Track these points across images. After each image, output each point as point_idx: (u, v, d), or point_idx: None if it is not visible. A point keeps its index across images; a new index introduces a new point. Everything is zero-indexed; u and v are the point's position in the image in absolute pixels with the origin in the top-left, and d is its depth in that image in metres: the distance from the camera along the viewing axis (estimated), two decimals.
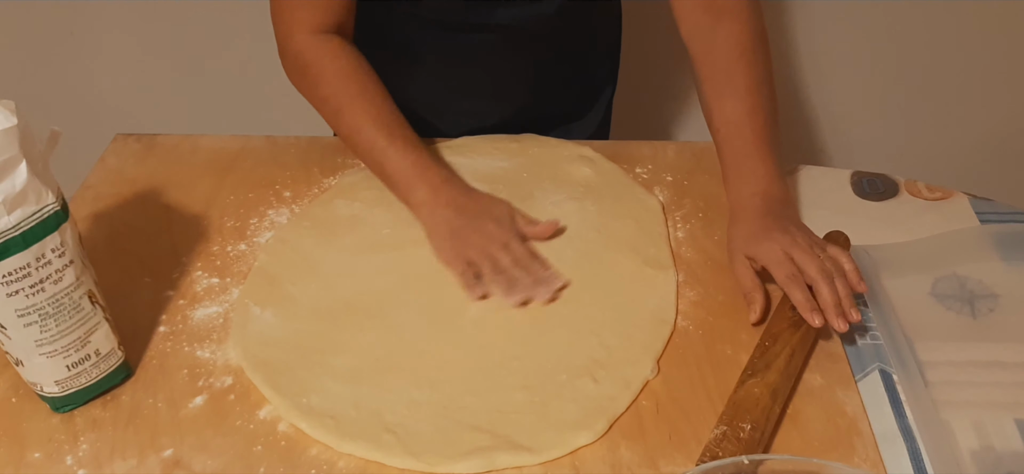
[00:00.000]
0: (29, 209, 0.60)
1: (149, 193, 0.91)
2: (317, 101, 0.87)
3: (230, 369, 0.71)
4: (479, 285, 0.75)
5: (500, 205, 0.82)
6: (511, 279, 0.76)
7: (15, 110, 0.59)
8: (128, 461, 0.63)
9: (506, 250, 0.78)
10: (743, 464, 0.54)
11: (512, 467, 0.63)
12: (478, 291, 0.75)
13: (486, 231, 0.79)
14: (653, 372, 0.70)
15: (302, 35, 0.86)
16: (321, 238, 0.84)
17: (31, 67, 1.49)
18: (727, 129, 0.83)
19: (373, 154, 0.84)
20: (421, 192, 0.81)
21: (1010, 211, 0.87)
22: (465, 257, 0.77)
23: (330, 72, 0.85)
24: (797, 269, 0.72)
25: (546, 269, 0.77)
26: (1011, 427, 0.65)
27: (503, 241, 0.78)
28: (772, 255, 0.73)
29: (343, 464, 0.63)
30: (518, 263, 0.77)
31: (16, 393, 0.69)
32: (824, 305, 0.69)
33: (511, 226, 0.80)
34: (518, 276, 0.76)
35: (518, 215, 0.82)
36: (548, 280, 0.76)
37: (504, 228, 0.79)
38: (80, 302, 0.64)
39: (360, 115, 0.84)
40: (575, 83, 1.06)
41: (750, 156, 0.81)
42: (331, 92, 0.85)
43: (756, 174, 0.80)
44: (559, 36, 0.99)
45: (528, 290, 0.75)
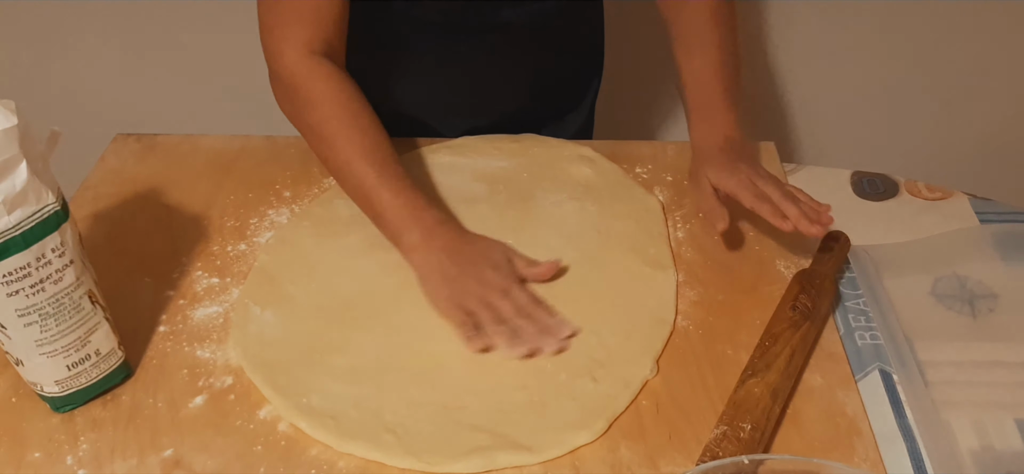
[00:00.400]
0: (29, 209, 0.60)
1: (149, 193, 0.91)
2: (305, 128, 0.82)
3: (230, 369, 0.71)
4: (479, 337, 0.70)
5: (497, 248, 0.77)
6: (514, 329, 0.71)
7: (15, 110, 0.59)
8: (128, 461, 0.63)
9: (506, 297, 0.72)
10: (743, 464, 0.54)
11: (512, 466, 0.63)
12: (478, 343, 0.70)
13: (483, 278, 0.73)
14: (652, 372, 0.70)
15: (292, 54, 0.81)
16: (321, 238, 0.84)
17: (31, 67, 1.49)
18: (695, 81, 0.88)
19: (362, 190, 0.78)
20: (413, 235, 0.76)
21: (1010, 211, 0.87)
22: (462, 306, 0.72)
23: (320, 97, 0.80)
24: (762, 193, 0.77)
25: (552, 316, 0.72)
26: (1011, 427, 0.65)
27: (503, 288, 0.73)
28: (738, 182, 0.78)
29: (343, 464, 0.63)
30: (520, 311, 0.71)
31: (16, 393, 0.69)
32: (793, 217, 0.74)
33: (510, 271, 0.75)
34: (521, 325, 0.71)
35: (516, 257, 0.77)
36: (554, 328, 0.71)
37: (503, 274, 0.74)
38: (80, 302, 0.64)
39: (350, 147, 0.79)
40: (565, 80, 1.07)
41: (717, 106, 0.86)
42: (320, 119, 0.80)
43: (722, 121, 0.85)
44: (555, 35, 1.00)
45: (533, 340, 0.70)
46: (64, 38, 1.46)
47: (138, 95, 1.53)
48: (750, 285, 0.78)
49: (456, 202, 0.88)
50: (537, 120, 1.02)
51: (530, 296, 0.73)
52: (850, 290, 0.78)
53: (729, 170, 0.80)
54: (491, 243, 0.77)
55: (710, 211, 0.79)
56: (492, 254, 0.76)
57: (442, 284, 0.73)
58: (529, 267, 0.76)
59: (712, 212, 0.79)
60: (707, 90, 0.87)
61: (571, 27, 1.01)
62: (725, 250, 0.83)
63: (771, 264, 0.81)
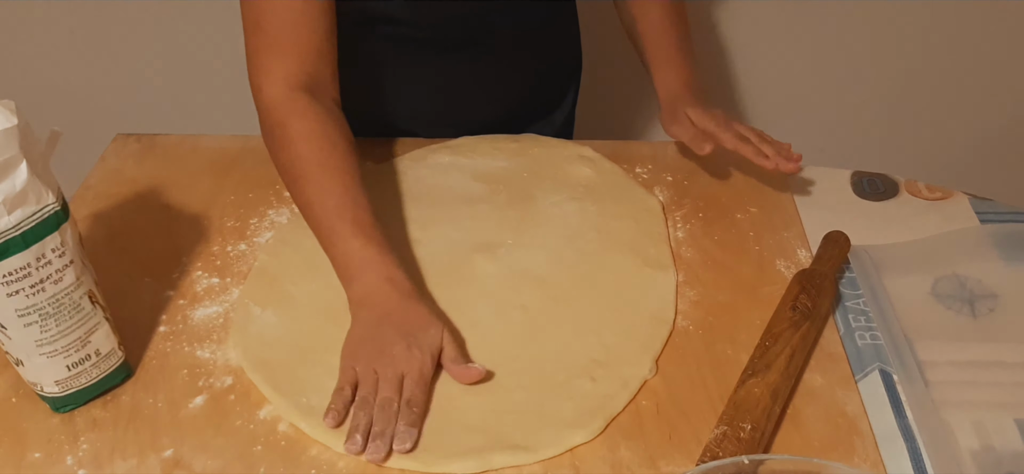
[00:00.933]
0: (29, 209, 0.60)
1: (149, 193, 0.91)
2: (279, 166, 0.80)
3: (230, 369, 0.71)
4: (334, 415, 0.65)
5: (432, 329, 0.69)
6: (368, 419, 0.65)
7: (15, 110, 0.59)
8: (128, 461, 0.63)
9: (393, 383, 0.66)
10: (743, 464, 0.54)
11: (509, 466, 0.63)
12: (331, 421, 0.64)
13: (391, 353, 0.67)
14: (652, 372, 0.70)
15: (271, 90, 0.79)
16: None
17: (31, 67, 1.49)
18: (653, 31, 0.95)
19: (321, 232, 0.75)
20: (358, 286, 0.72)
21: (1010, 211, 0.87)
22: (353, 372, 0.67)
23: (294, 136, 0.77)
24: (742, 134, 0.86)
25: (407, 424, 0.64)
26: (1011, 427, 0.65)
27: (400, 372, 0.67)
28: (717, 123, 0.86)
29: (343, 464, 0.63)
30: (386, 406, 0.65)
31: (16, 393, 0.69)
32: (772, 155, 0.84)
33: (423, 357, 0.67)
34: (374, 419, 0.64)
35: (450, 346, 0.69)
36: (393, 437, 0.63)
37: (413, 356, 0.67)
38: (80, 302, 0.64)
39: (315, 188, 0.76)
40: (547, 84, 1.08)
41: (677, 54, 0.94)
42: (291, 159, 0.77)
43: (685, 68, 0.93)
44: (537, 42, 1.01)
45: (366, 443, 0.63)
46: (64, 38, 1.46)
47: (138, 95, 1.53)
48: (750, 285, 0.78)
49: (456, 202, 0.88)
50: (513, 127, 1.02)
51: (415, 394, 0.66)
52: (850, 290, 0.78)
53: (707, 111, 0.88)
54: (430, 320, 0.70)
55: (694, 138, 0.87)
56: (419, 332, 0.69)
57: (354, 340, 0.70)
58: (453, 362, 0.69)
59: (696, 138, 0.86)
60: (666, 39, 0.94)
61: (551, 32, 1.03)
62: (725, 250, 0.83)
63: (771, 264, 0.81)
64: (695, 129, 0.87)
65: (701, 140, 0.86)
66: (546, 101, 1.09)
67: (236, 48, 1.48)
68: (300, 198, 0.77)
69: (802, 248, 0.82)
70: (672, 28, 0.95)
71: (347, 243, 0.73)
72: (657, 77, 0.94)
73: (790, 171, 0.83)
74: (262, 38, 0.80)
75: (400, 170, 0.93)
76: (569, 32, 1.07)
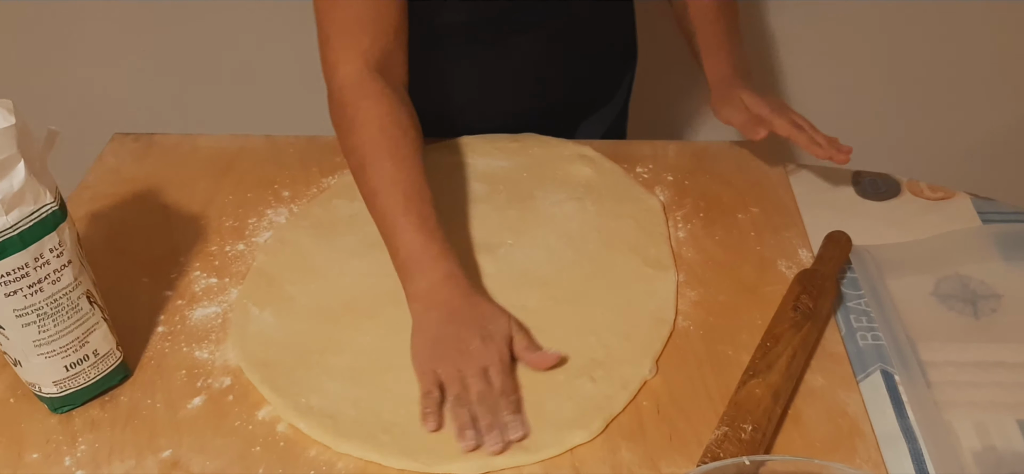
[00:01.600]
0: (27, 209, 0.59)
1: (147, 193, 0.91)
2: (346, 149, 0.79)
3: (229, 369, 0.71)
4: (434, 418, 0.65)
5: (500, 320, 0.70)
6: (473, 414, 0.65)
7: (13, 109, 0.59)
8: (126, 462, 0.63)
9: (481, 377, 0.67)
10: (744, 465, 0.54)
11: (510, 467, 0.63)
12: (431, 424, 0.65)
13: (468, 348, 0.68)
14: (651, 372, 0.69)
15: (346, 68, 0.79)
16: (320, 238, 0.84)
17: (30, 66, 1.49)
18: (704, 18, 0.94)
19: (385, 223, 0.75)
20: (419, 283, 0.72)
21: (1012, 211, 0.87)
22: (435, 374, 0.67)
23: (364, 119, 0.77)
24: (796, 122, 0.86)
25: (512, 412, 0.65)
26: (1013, 428, 0.65)
27: (482, 365, 0.67)
28: (771, 108, 0.86)
29: (342, 465, 0.63)
30: (485, 398, 0.65)
31: (14, 393, 0.69)
32: (824, 142, 0.84)
33: (500, 347, 0.68)
34: (479, 414, 0.65)
35: (518, 335, 0.70)
36: (507, 427, 0.64)
37: (490, 349, 0.68)
38: (78, 302, 0.64)
39: (383, 177, 0.75)
40: (598, 77, 1.08)
41: (727, 40, 0.93)
42: (360, 142, 0.77)
43: (735, 53, 0.93)
44: (587, 33, 1.01)
45: (479, 437, 0.64)
46: (63, 38, 1.46)
47: (137, 95, 1.52)
48: (751, 285, 0.78)
49: (456, 202, 0.88)
50: (570, 118, 1.05)
51: (505, 383, 0.67)
52: (852, 290, 0.78)
53: (762, 97, 0.87)
54: (496, 312, 0.71)
55: (746, 123, 0.86)
56: (490, 325, 0.70)
57: (427, 344, 0.69)
58: (527, 350, 0.69)
59: (749, 123, 0.85)
60: (716, 26, 0.93)
61: (602, 24, 1.03)
62: (726, 250, 0.82)
63: (772, 264, 0.80)
64: (748, 114, 0.86)
65: (754, 125, 0.85)
66: (597, 96, 1.09)
67: (236, 48, 1.48)
68: (366, 185, 0.77)
69: (803, 248, 0.82)
70: (722, 15, 0.94)
71: (410, 238, 0.73)
72: (707, 62, 0.94)
73: (841, 162, 0.83)
74: (340, 13, 0.80)
75: None
76: (618, 27, 1.07)
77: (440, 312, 0.70)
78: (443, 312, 0.70)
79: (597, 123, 1.09)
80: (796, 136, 0.84)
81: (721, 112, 0.89)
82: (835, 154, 0.83)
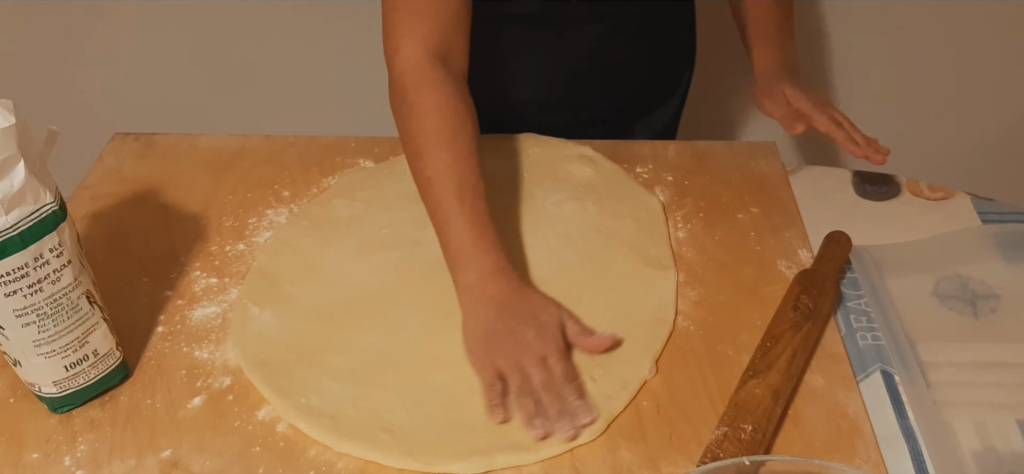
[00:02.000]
0: (27, 209, 0.59)
1: (147, 193, 0.91)
2: (404, 134, 0.80)
3: (229, 369, 0.71)
4: (501, 410, 0.66)
5: (551, 310, 0.72)
6: (537, 404, 0.66)
7: (13, 109, 0.59)
8: (126, 462, 0.63)
9: (541, 366, 0.68)
10: (744, 465, 0.54)
11: (511, 467, 0.63)
12: (499, 415, 0.65)
13: (524, 340, 0.69)
14: (651, 372, 0.69)
15: (407, 52, 0.79)
16: (320, 238, 0.84)
17: (30, 66, 1.48)
18: (758, 11, 0.95)
19: (438, 213, 0.76)
20: (470, 275, 0.73)
21: (1012, 211, 0.87)
22: (495, 367, 0.68)
23: (424, 107, 0.78)
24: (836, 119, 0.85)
25: (578, 397, 0.66)
26: (1013, 428, 0.65)
27: (541, 354, 0.68)
28: (813, 104, 0.85)
29: (342, 465, 0.63)
30: (549, 386, 0.67)
31: (14, 393, 0.69)
32: (862, 141, 0.83)
33: (555, 336, 0.70)
34: (546, 402, 0.66)
35: (570, 322, 0.71)
36: (576, 412, 0.65)
37: (546, 338, 0.69)
38: (78, 302, 0.64)
39: (439, 166, 0.76)
40: (658, 74, 1.09)
41: (778, 33, 0.94)
42: (418, 131, 0.78)
43: (784, 47, 0.94)
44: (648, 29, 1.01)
45: (549, 424, 0.65)
46: (63, 38, 1.46)
47: (137, 95, 1.52)
48: (751, 285, 0.78)
49: None
50: (627, 115, 1.06)
51: (566, 369, 0.68)
52: (852, 290, 0.78)
53: (804, 92, 0.87)
54: (546, 303, 0.72)
55: (786, 116, 0.85)
56: (542, 315, 0.71)
57: (482, 337, 0.70)
58: (581, 336, 0.71)
59: (788, 117, 0.85)
60: (768, 19, 0.95)
61: (663, 21, 1.03)
62: (726, 250, 0.82)
63: (772, 264, 0.80)
64: (789, 107, 0.86)
65: (793, 119, 0.85)
66: (656, 93, 1.10)
67: (236, 48, 1.48)
68: (421, 173, 0.77)
69: (803, 248, 0.82)
70: (776, 8, 0.95)
71: (462, 230, 0.74)
72: (756, 54, 0.94)
73: (878, 162, 0.82)
74: (402, 1, 0.80)
75: (400, 170, 0.93)
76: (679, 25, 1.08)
77: (491, 306, 0.71)
78: (494, 306, 0.71)
79: (656, 120, 1.10)
80: (835, 132, 0.84)
81: (763, 104, 0.89)
82: (872, 154, 0.82)
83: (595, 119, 1.03)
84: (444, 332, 0.73)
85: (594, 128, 1.03)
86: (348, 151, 0.97)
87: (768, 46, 0.94)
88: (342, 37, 1.43)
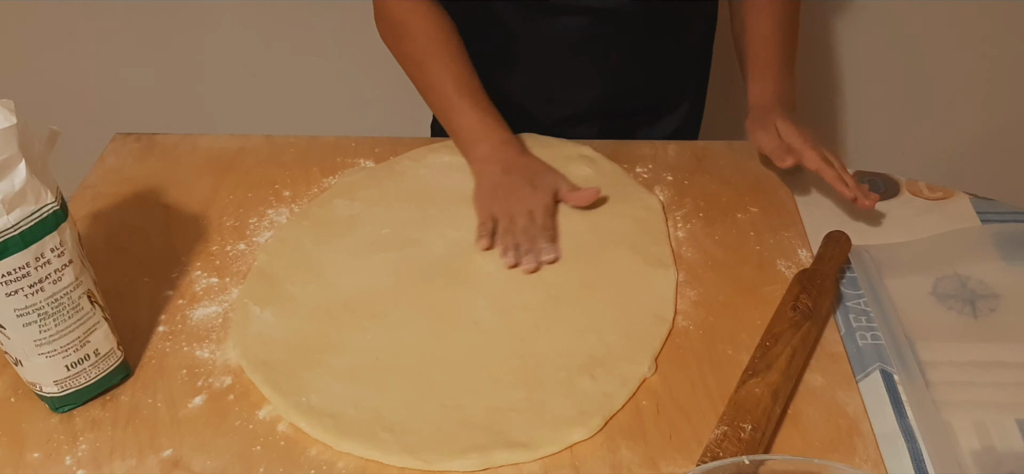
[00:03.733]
0: (28, 209, 0.59)
1: (148, 193, 0.91)
2: (402, 57, 0.94)
3: (229, 369, 0.71)
4: (486, 240, 0.81)
5: (548, 173, 0.87)
6: (515, 241, 0.80)
7: (14, 109, 0.59)
8: (127, 461, 0.63)
9: (526, 214, 0.82)
10: (744, 465, 0.54)
11: (509, 464, 0.63)
12: (484, 244, 0.81)
13: (519, 192, 0.84)
14: (651, 370, 0.70)
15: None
16: (321, 238, 0.84)
17: (31, 67, 1.49)
18: (759, 40, 0.96)
19: (444, 108, 0.91)
20: (482, 148, 0.88)
21: (1011, 211, 0.87)
22: (490, 210, 0.83)
23: (416, 30, 0.91)
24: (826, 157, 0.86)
25: (548, 241, 0.80)
26: (1012, 427, 0.65)
27: (529, 206, 0.82)
28: (803, 140, 0.86)
29: (343, 464, 0.63)
30: (528, 231, 0.81)
31: (15, 393, 0.69)
32: (852, 184, 0.84)
33: (546, 193, 0.84)
34: (520, 241, 0.80)
35: (563, 184, 0.86)
36: (541, 251, 0.80)
37: (538, 193, 0.84)
38: (79, 302, 0.64)
39: (438, 71, 0.90)
40: (670, 71, 1.08)
41: (778, 65, 0.95)
42: (415, 49, 0.92)
43: (781, 80, 0.94)
44: (659, 24, 1.00)
45: (519, 255, 0.79)
46: (64, 38, 1.46)
47: (138, 95, 1.52)
48: (751, 285, 0.78)
49: (456, 202, 0.88)
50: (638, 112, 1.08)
51: (547, 221, 0.82)
52: (851, 290, 0.78)
53: (797, 127, 0.88)
54: (545, 168, 0.88)
55: (776, 149, 0.87)
56: (540, 176, 0.86)
57: (488, 191, 0.85)
58: (570, 193, 0.85)
59: (778, 150, 0.87)
60: (768, 49, 0.95)
61: (676, 16, 1.02)
62: (725, 250, 0.82)
63: (772, 264, 0.81)
64: (779, 141, 0.87)
65: (783, 152, 0.86)
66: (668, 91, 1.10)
67: (236, 48, 1.48)
68: (423, 80, 0.92)
69: (803, 248, 0.82)
70: (778, 40, 0.95)
71: (468, 115, 0.90)
72: (752, 86, 0.95)
73: (865, 207, 0.84)
74: None
75: (400, 170, 0.93)
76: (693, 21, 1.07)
77: (498, 166, 0.87)
78: (501, 167, 0.87)
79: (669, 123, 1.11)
80: (825, 171, 0.84)
81: (754, 134, 0.90)
82: (862, 199, 0.83)
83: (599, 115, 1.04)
84: (444, 331, 0.73)
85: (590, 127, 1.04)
86: (349, 151, 0.97)
87: (766, 78, 0.94)
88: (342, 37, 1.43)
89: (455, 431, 0.65)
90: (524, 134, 0.98)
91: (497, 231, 0.82)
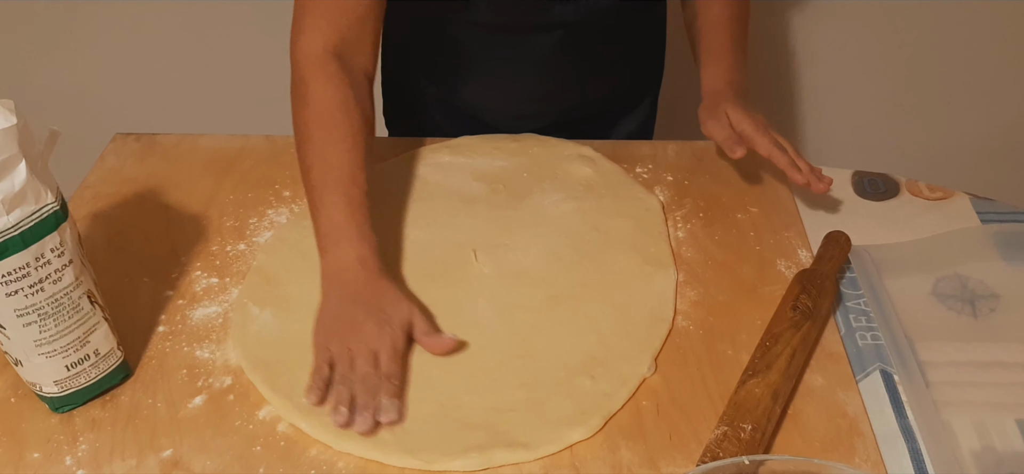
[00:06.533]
0: (28, 209, 0.59)
1: (148, 193, 0.91)
2: (295, 124, 0.82)
3: (229, 369, 0.71)
4: (316, 393, 0.66)
5: (400, 305, 0.71)
6: (351, 392, 0.66)
7: (14, 109, 0.59)
8: (127, 461, 0.63)
9: (369, 359, 0.68)
10: (744, 465, 0.54)
11: (509, 464, 0.63)
12: (313, 399, 0.66)
13: (363, 331, 0.69)
14: (650, 370, 0.70)
15: (304, 47, 0.81)
16: None
17: (31, 67, 1.49)
18: (711, 27, 0.94)
19: (312, 198, 0.77)
20: (330, 260, 0.74)
21: (1011, 211, 0.87)
22: (328, 351, 0.69)
23: (313, 97, 0.80)
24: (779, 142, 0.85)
25: (390, 396, 0.66)
26: (1012, 427, 0.65)
27: (373, 349, 0.68)
28: (755, 126, 0.85)
29: (342, 464, 0.63)
30: (366, 379, 0.67)
31: (15, 393, 0.69)
32: (805, 171, 0.83)
33: (395, 332, 0.70)
34: (357, 394, 0.66)
35: (420, 320, 0.71)
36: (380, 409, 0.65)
37: (385, 333, 0.69)
38: (79, 302, 0.64)
39: (317, 153, 0.78)
40: (624, 80, 1.08)
41: (729, 52, 0.93)
42: (306, 119, 0.80)
43: (733, 67, 0.92)
44: (611, 33, 1.00)
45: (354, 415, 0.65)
46: (64, 38, 1.46)
47: (138, 95, 1.53)
48: (750, 285, 0.78)
49: (456, 202, 0.88)
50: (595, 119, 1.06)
51: (391, 367, 0.68)
52: (851, 290, 0.78)
53: (748, 114, 0.86)
54: (398, 298, 0.72)
55: (727, 140, 0.85)
56: (388, 309, 0.71)
57: (326, 323, 0.71)
58: (425, 335, 0.71)
59: (730, 140, 0.85)
60: (722, 35, 0.93)
61: (629, 26, 1.02)
62: (725, 250, 0.82)
63: (771, 264, 0.81)
64: (730, 130, 0.86)
65: (734, 143, 0.84)
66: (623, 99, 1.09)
67: (236, 48, 1.48)
68: (303, 160, 0.79)
69: (803, 248, 0.82)
70: (730, 25, 0.93)
71: (331, 215, 0.75)
72: (704, 72, 0.93)
73: (819, 191, 0.83)
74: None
75: (400, 170, 0.93)
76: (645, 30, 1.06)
77: (344, 292, 0.72)
78: (347, 292, 0.72)
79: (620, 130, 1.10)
80: (777, 157, 0.83)
81: (705, 125, 0.88)
82: (815, 182, 0.82)
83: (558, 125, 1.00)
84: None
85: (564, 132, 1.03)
86: None
87: (718, 65, 0.92)
88: None
89: (455, 431, 0.65)
90: (525, 134, 0.99)
91: (333, 379, 0.68)
